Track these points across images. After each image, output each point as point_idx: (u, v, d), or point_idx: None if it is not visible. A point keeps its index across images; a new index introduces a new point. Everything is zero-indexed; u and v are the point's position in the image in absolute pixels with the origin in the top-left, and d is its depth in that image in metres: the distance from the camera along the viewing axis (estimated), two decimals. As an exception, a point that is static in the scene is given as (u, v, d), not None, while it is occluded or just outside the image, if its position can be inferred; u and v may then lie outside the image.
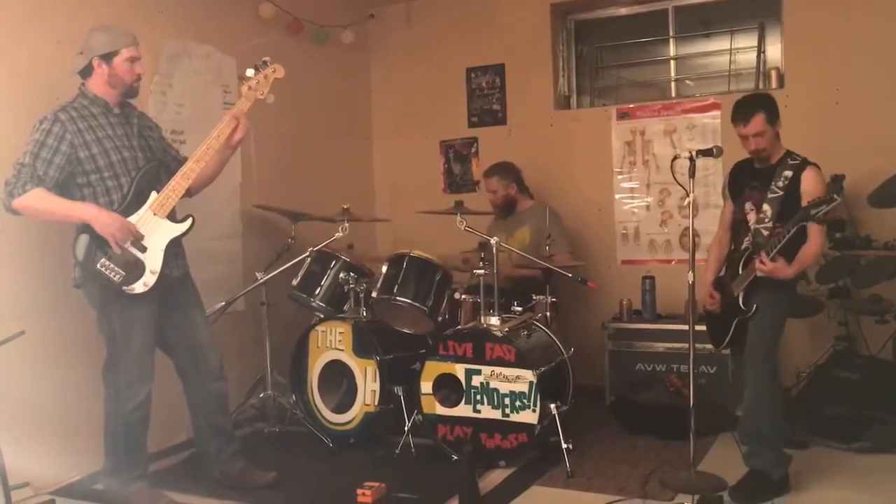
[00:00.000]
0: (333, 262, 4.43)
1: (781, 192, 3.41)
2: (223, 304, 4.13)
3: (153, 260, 3.25)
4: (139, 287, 3.21)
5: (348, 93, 5.88)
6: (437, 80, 5.82)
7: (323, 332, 4.30)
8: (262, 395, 4.52)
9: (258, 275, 4.35)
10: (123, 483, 3.37)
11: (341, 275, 4.37)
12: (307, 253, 4.28)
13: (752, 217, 3.52)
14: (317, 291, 4.42)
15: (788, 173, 3.41)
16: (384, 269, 4.16)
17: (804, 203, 3.36)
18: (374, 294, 4.13)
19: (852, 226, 4.54)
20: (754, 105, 3.45)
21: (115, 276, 3.18)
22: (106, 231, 3.15)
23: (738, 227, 3.63)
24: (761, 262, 3.27)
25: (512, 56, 5.61)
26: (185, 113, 4.44)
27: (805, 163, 3.44)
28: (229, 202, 4.74)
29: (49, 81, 3.64)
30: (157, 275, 3.24)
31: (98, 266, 3.16)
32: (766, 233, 3.41)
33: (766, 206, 3.44)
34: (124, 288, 3.19)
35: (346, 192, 5.29)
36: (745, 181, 3.60)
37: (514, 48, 5.60)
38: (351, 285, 4.32)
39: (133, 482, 3.38)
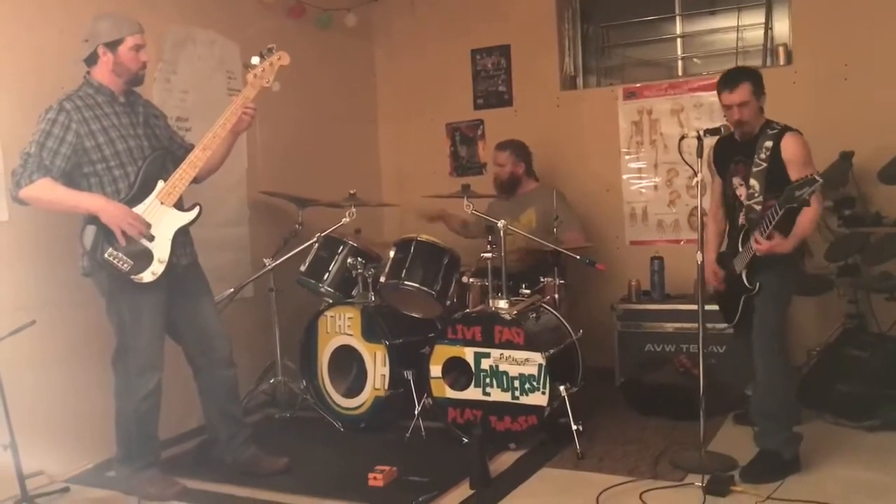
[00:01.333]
0: (341, 248, 4.43)
1: (765, 164, 3.37)
2: (232, 290, 4.13)
3: (161, 249, 3.25)
4: (147, 276, 3.22)
5: (353, 77, 5.85)
6: (442, 62, 5.79)
7: (332, 317, 4.31)
8: (272, 380, 4.54)
9: (266, 261, 4.35)
10: (135, 470, 3.40)
11: (349, 260, 4.36)
12: (315, 238, 4.27)
13: (742, 192, 3.49)
14: (325, 277, 4.42)
15: (769, 143, 3.37)
16: (392, 253, 4.15)
17: (790, 171, 3.33)
18: (382, 279, 4.13)
19: (862, 203, 4.51)
20: (741, 74, 3.45)
21: (122, 266, 3.18)
22: (113, 223, 3.15)
23: (730, 202, 3.61)
24: (756, 241, 3.27)
25: (517, 37, 5.57)
26: (190, 100, 4.43)
27: (784, 130, 3.39)
28: (236, 189, 4.74)
29: (52, 71, 3.64)
30: (164, 264, 3.25)
31: (106, 255, 3.17)
32: (758, 208, 3.38)
33: (752, 181, 3.41)
34: (132, 277, 3.20)
35: (352, 176, 5.29)
36: (728, 156, 3.57)
37: (519, 29, 5.56)
38: (359, 270, 4.32)
39: (145, 469, 3.40)
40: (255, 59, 3.48)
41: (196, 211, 3.37)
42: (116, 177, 3.27)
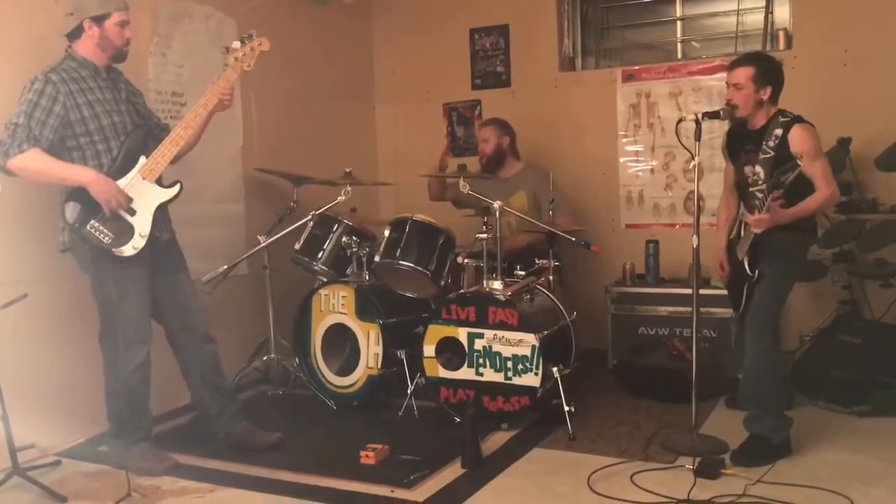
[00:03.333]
0: (336, 226, 4.42)
1: (772, 153, 3.34)
2: (226, 267, 4.11)
3: (142, 223, 3.25)
4: (128, 250, 3.22)
5: (350, 54, 5.81)
6: (440, 41, 5.75)
7: (326, 295, 4.30)
8: (265, 358, 4.53)
9: (261, 238, 4.33)
10: (127, 444, 3.40)
11: (344, 238, 4.35)
12: (309, 216, 4.26)
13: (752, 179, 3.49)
14: (319, 255, 4.41)
15: (778, 132, 3.34)
16: (387, 232, 4.14)
17: (801, 163, 3.31)
18: (376, 258, 4.12)
19: (858, 189, 4.51)
20: (749, 58, 3.45)
21: (104, 239, 3.18)
22: (101, 196, 3.14)
23: (743, 190, 3.60)
24: (751, 218, 3.27)
25: (516, 16, 5.53)
26: (185, 74, 4.39)
27: (794, 120, 3.35)
28: (231, 165, 4.71)
29: (47, 42, 3.60)
30: (146, 238, 3.25)
31: (88, 228, 3.17)
32: (760, 195, 3.38)
33: (758, 168, 3.40)
34: (114, 250, 3.20)
35: (348, 155, 5.27)
36: (740, 144, 3.55)
37: (518, 8, 5.52)
38: (354, 249, 4.31)
39: (136, 444, 3.41)
40: (236, 44, 3.51)
41: (177, 188, 3.36)
42: (99, 151, 3.25)
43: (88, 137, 3.23)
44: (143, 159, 3.29)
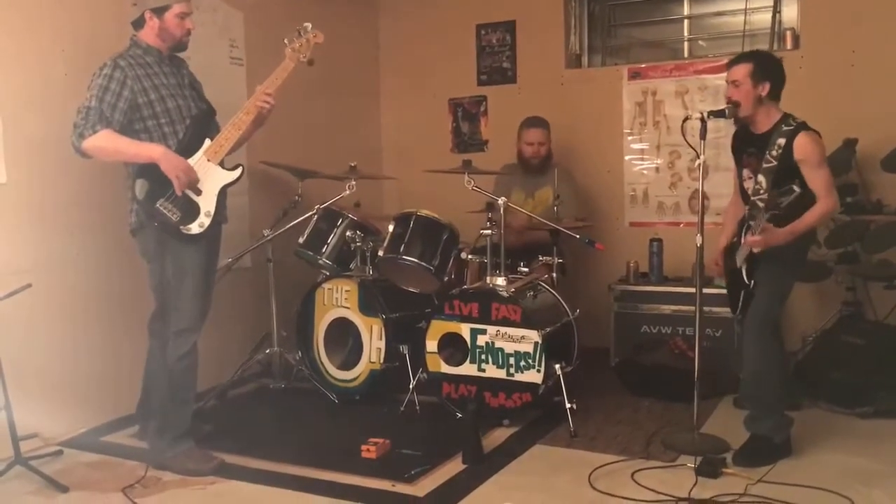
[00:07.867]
0: (340, 220, 4.42)
1: (775, 163, 3.30)
2: (230, 260, 4.12)
3: (207, 203, 3.31)
4: (195, 228, 3.26)
5: (356, 49, 5.80)
6: (447, 36, 5.75)
7: (329, 289, 4.30)
8: (267, 351, 4.53)
9: (265, 231, 4.34)
10: (171, 444, 3.35)
11: (348, 233, 4.35)
12: (314, 210, 4.27)
13: (749, 185, 3.47)
14: (323, 249, 4.41)
15: (781, 141, 3.29)
16: (391, 227, 4.14)
17: (803, 171, 3.28)
18: (380, 253, 4.12)
19: (864, 190, 4.50)
20: (746, 55, 3.43)
21: (172, 216, 3.23)
22: (171, 171, 3.19)
23: (745, 194, 3.60)
24: (747, 239, 3.25)
25: (523, 13, 5.53)
26: (192, 67, 4.36)
27: (799, 128, 3.30)
28: (235, 158, 4.69)
29: (46, 35, 3.62)
30: (210, 217, 3.30)
31: (157, 205, 3.22)
32: (761, 204, 3.35)
33: (760, 177, 3.37)
34: (181, 228, 3.24)
35: (353, 149, 5.27)
36: (742, 147, 3.53)
37: (525, 5, 5.52)
38: (357, 243, 4.31)
39: (180, 442, 3.36)
40: (294, 36, 3.62)
41: (239, 171, 3.41)
42: (166, 133, 3.31)
43: (155, 120, 3.29)
44: (207, 141, 3.36)
